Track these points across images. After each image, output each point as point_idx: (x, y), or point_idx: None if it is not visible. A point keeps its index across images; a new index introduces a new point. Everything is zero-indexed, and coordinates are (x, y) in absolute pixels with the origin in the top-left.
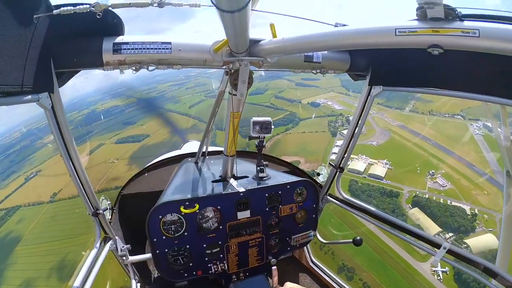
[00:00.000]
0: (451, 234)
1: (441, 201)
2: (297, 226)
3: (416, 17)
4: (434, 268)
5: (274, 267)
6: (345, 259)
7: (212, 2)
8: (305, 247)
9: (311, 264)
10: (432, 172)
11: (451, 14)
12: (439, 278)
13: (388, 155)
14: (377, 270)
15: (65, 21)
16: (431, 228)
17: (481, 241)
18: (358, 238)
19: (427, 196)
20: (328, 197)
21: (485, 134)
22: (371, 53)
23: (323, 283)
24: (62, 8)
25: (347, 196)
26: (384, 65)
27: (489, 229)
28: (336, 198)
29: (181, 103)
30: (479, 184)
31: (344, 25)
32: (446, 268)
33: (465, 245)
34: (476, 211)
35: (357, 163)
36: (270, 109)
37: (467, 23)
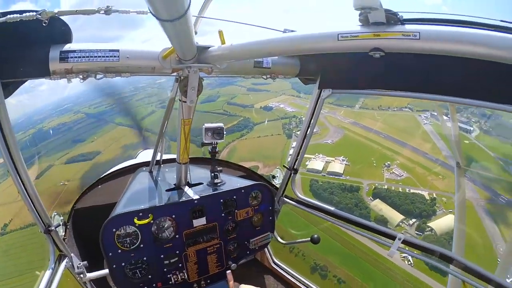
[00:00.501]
0: (414, 220)
1: (400, 190)
2: (254, 229)
3: (360, 22)
4: (404, 254)
5: (228, 271)
6: (317, 258)
7: (151, 13)
8: (266, 249)
9: (273, 265)
10: (388, 164)
11: (392, 19)
12: (409, 263)
13: (344, 151)
14: (349, 265)
15: (11, 29)
16: (395, 217)
17: (443, 223)
18: (316, 236)
19: (386, 187)
20: (285, 198)
21: (433, 123)
22: (319, 58)
23: (286, 282)
24: (8, 16)
25: (302, 196)
26: (333, 69)
27: (449, 210)
28: (292, 199)
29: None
30: (433, 170)
31: (293, 31)
32: (415, 252)
33: (429, 229)
34: (435, 195)
35: (315, 162)
36: (223, 116)
37: (408, 27)
